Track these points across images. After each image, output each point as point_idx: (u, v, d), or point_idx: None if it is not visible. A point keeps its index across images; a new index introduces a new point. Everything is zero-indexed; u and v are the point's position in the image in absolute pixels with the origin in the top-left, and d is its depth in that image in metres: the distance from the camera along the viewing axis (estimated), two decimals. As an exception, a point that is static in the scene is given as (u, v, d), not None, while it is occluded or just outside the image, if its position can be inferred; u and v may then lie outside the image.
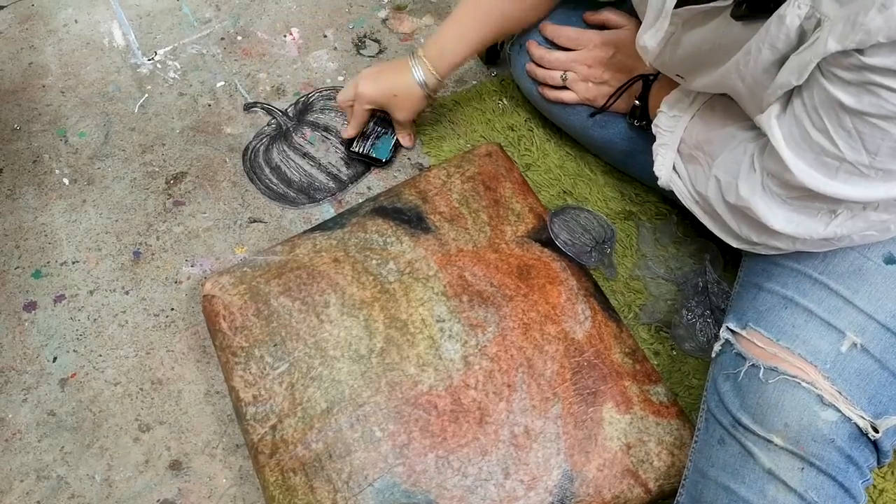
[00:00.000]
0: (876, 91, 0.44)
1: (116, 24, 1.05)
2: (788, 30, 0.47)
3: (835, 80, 0.46)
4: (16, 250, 0.86)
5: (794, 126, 0.51)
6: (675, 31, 0.59)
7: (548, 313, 0.73)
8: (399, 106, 0.85)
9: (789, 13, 0.47)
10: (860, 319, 0.56)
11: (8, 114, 0.96)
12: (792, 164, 0.51)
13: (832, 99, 0.47)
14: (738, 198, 0.58)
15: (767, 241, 0.59)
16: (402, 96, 0.84)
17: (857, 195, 0.50)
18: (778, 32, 0.48)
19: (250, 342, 0.72)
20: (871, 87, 0.44)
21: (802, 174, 0.51)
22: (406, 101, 0.84)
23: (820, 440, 0.53)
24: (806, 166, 0.51)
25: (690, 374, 0.76)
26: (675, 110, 0.68)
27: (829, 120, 0.48)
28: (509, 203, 0.81)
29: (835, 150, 0.48)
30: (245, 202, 0.89)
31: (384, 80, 0.84)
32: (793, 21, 0.47)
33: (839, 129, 0.47)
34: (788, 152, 0.51)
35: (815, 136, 0.49)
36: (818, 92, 0.48)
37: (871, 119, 0.45)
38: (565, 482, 0.64)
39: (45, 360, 0.79)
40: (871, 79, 0.44)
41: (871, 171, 0.48)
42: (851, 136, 0.47)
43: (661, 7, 0.58)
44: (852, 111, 0.46)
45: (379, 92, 0.84)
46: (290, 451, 0.66)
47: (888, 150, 0.46)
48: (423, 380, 0.69)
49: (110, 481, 0.72)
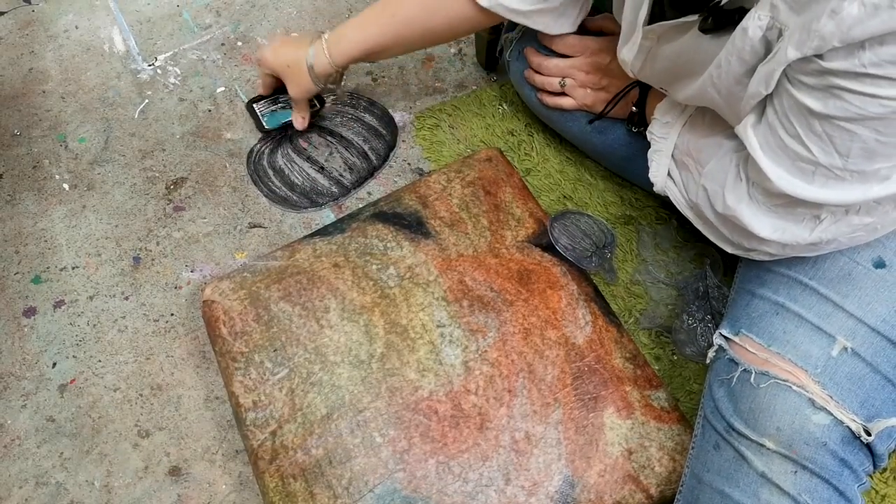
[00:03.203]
0: (839, 94, 0.45)
1: (117, 29, 1.05)
2: (752, 41, 0.49)
3: (801, 86, 0.47)
4: (15, 256, 0.86)
5: (769, 134, 0.52)
6: (652, 46, 0.61)
7: (548, 318, 0.73)
8: (290, 80, 0.84)
9: (751, 25, 0.48)
10: (850, 324, 0.56)
11: (8, 119, 0.96)
12: (770, 171, 0.52)
13: (800, 105, 0.48)
14: (725, 207, 0.59)
15: (758, 246, 0.59)
16: (293, 70, 0.83)
17: (835, 198, 0.50)
18: (743, 44, 0.49)
19: (250, 347, 0.72)
20: (834, 90, 0.45)
21: (781, 181, 0.52)
22: (296, 76, 0.83)
23: (812, 443, 0.53)
24: (784, 172, 0.52)
25: (691, 378, 0.76)
26: (668, 117, 0.68)
27: (800, 125, 0.49)
28: (509, 208, 0.81)
29: (809, 155, 0.49)
30: (245, 207, 0.89)
31: (283, 51, 0.83)
32: (755, 32, 0.48)
33: (810, 133, 0.48)
34: (766, 160, 0.52)
35: (789, 143, 0.50)
36: (787, 99, 0.49)
37: (839, 122, 0.46)
38: (566, 488, 0.64)
39: (44, 365, 0.78)
40: (833, 82, 0.45)
41: (846, 174, 0.49)
42: (822, 139, 0.48)
43: (633, 22, 0.60)
44: (820, 115, 0.47)
45: (276, 62, 0.84)
46: (290, 457, 0.66)
47: (859, 152, 0.47)
48: (424, 385, 0.69)
49: (109, 487, 0.72)
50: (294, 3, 1.08)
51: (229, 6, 1.08)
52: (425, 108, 0.97)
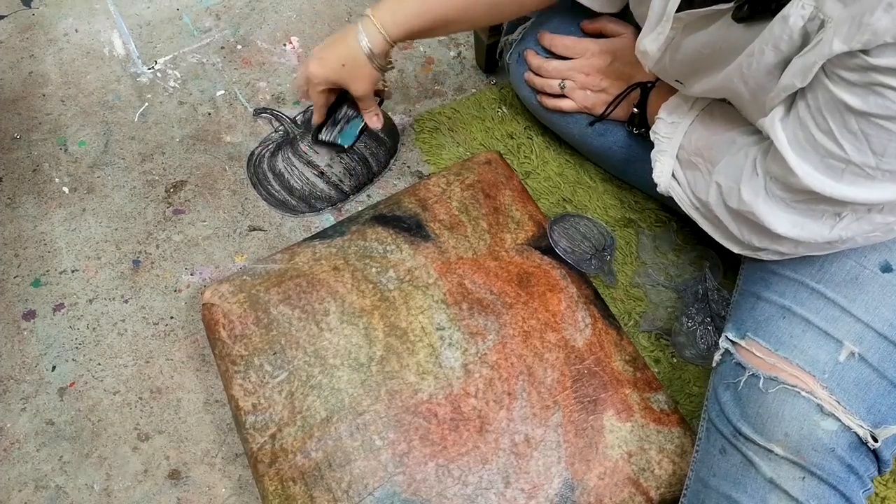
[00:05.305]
0: (882, 92, 0.44)
1: (117, 33, 1.05)
2: (792, 31, 0.47)
3: (840, 81, 0.46)
4: (15, 259, 0.86)
5: (798, 129, 0.50)
6: (675, 36, 0.59)
7: (548, 321, 0.73)
8: (351, 78, 0.75)
9: (793, 14, 0.47)
10: (858, 328, 0.56)
11: (8, 123, 0.96)
12: (797, 167, 0.51)
13: (837, 101, 0.46)
14: (740, 202, 0.57)
15: (770, 245, 0.58)
16: (350, 66, 0.74)
17: (863, 197, 0.49)
18: (781, 34, 0.48)
19: (250, 351, 0.71)
20: (876, 87, 0.44)
21: (807, 177, 0.50)
22: (355, 70, 0.74)
23: (820, 449, 0.53)
24: (811, 169, 0.50)
25: (691, 381, 0.76)
26: (674, 116, 0.68)
27: (835, 122, 0.47)
28: (509, 211, 0.81)
29: (840, 153, 0.48)
30: (245, 210, 0.89)
31: (330, 54, 0.74)
32: (796, 22, 0.47)
33: (844, 131, 0.47)
34: (793, 155, 0.51)
35: (820, 139, 0.49)
36: (823, 94, 0.48)
37: (877, 120, 0.45)
38: (566, 491, 0.64)
39: (43, 368, 0.78)
40: (876, 79, 0.43)
41: (878, 173, 0.48)
42: (857, 137, 0.47)
43: (662, 11, 0.58)
44: (858, 113, 0.46)
45: (328, 67, 0.74)
46: (289, 460, 0.66)
47: (895, 151, 0.46)
48: (424, 388, 0.69)
49: (109, 491, 0.72)
50: (293, 7, 1.08)
51: (229, 10, 1.08)
52: (425, 111, 0.97)
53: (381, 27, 0.71)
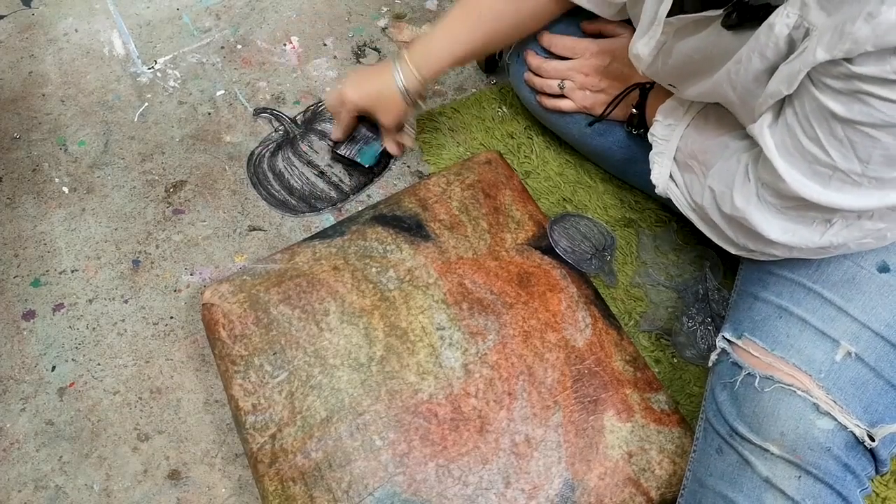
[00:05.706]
0: (865, 100, 0.44)
1: (116, 33, 1.05)
2: (777, 39, 0.48)
3: (825, 89, 0.46)
4: (15, 259, 0.85)
5: (786, 135, 0.51)
6: (667, 41, 0.60)
7: (548, 321, 0.73)
8: (382, 110, 0.83)
9: (778, 22, 0.47)
10: (854, 328, 0.56)
11: (7, 123, 0.96)
12: (785, 173, 0.51)
13: (823, 108, 0.47)
14: (733, 208, 0.58)
15: (764, 249, 0.59)
16: (384, 100, 0.82)
17: (850, 204, 0.50)
18: (767, 41, 0.49)
19: (250, 351, 0.71)
20: (860, 95, 0.44)
21: (796, 183, 0.51)
22: (388, 104, 0.82)
23: (816, 448, 0.53)
24: (799, 175, 0.51)
25: (691, 381, 0.76)
26: (670, 119, 0.68)
27: (821, 129, 0.48)
28: (509, 211, 0.81)
29: (827, 159, 0.49)
30: (245, 210, 0.89)
31: (367, 84, 0.82)
32: (781, 30, 0.47)
33: (831, 137, 0.48)
34: (781, 162, 0.51)
35: (808, 146, 0.49)
36: (809, 101, 0.48)
37: (862, 128, 0.46)
38: (566, 491, 0.64)
39: (43, 369, 0.78)
40: (860, 87, 0.44)
41: (864, 180, 0.48)
42: (843, 144, 0.47)
43: (654, 15, 0.59)
44: (843, 120, 0.46)
45: (362, 96, 0.82)
46: (289, 461, 0.66)
47: (880, 158, 0.47)
48: (424, 388, 0.69)
49: (109, 491, 0.72)
50: (293, 7, 1.08)
51: (229, 9, 1.08)
52: (425, 111, 0.97)
53: (416, 70, 0.78)
